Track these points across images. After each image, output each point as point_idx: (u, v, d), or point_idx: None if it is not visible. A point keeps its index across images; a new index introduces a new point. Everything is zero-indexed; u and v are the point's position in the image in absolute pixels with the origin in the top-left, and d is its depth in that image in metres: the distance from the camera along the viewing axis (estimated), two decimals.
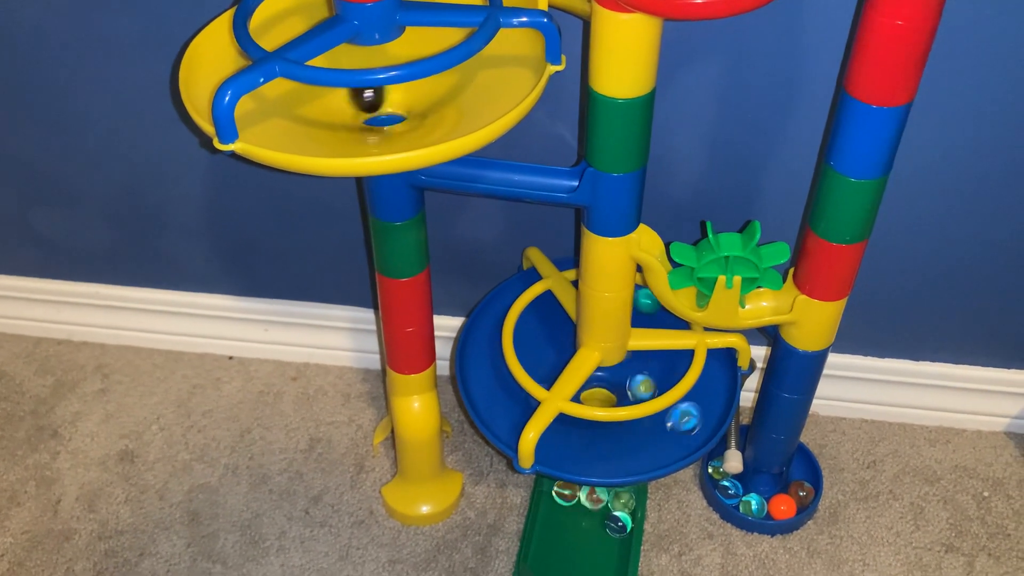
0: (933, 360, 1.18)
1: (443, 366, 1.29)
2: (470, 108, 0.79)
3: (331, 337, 1.30)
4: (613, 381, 1.07)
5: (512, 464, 0.95)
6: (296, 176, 1.13)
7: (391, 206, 0.87)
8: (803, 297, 0.91)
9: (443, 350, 1.27)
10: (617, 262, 0.88)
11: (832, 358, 1.17)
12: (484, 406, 1.01)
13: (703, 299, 0.93)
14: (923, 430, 1.22)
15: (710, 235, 0.88)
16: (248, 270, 1.26)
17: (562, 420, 0.99)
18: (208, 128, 0.70)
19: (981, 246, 1.05)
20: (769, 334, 1.00)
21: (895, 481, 1.17)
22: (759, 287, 0.92)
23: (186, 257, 1.26)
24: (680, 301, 0.93)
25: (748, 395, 1.25)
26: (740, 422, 1.16)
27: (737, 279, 0.89)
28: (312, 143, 0.76)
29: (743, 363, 1.02)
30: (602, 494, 1.12)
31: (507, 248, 1.15)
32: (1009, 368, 1.17)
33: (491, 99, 0.78)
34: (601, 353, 0.98)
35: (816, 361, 0.97)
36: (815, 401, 1.14)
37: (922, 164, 0.98)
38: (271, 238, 1.21)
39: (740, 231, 0.90)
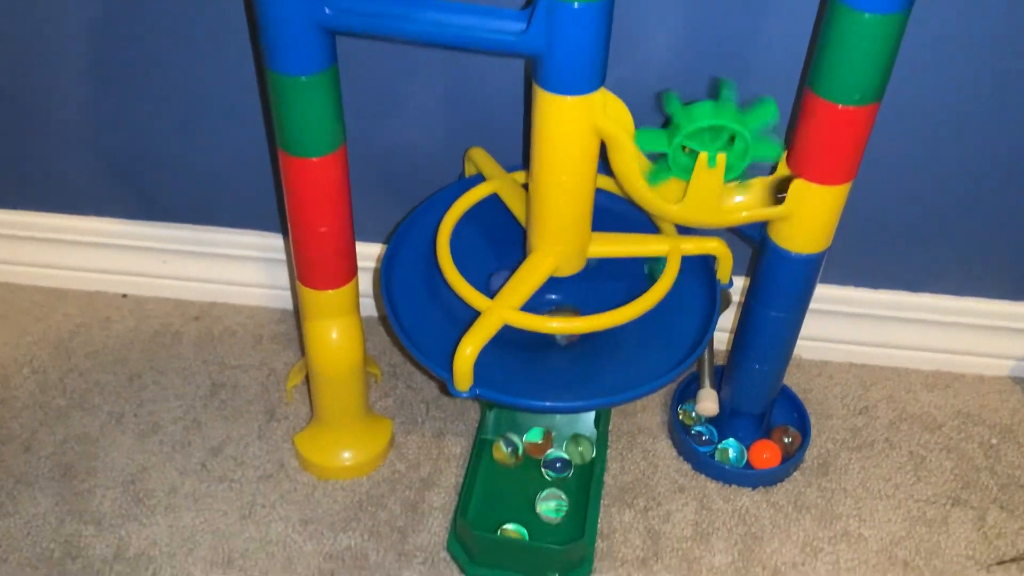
0: (934, 292, 1.03)
1: (368, 305, 1.12)
2: None
3: (241, 270, 1.12)
4: (569, 306, 0.91)
5: (447, 387, 0.77)
6: (189, 71, 0.95)
7: (293, 52, 0.69)
8: (799, 182, 0.75)
9: (367, 285, 1.09)
10: (576, 132, 0.72)
11: (818, 290, 1.02)
12: (412, 322, 0.83)
13: (665, 172, 0.77)
14: (919, 374, 1.08)
15: (675, 107, 0.72)
16: (141, 188, 1.07)
17: (509, 341, 0.82)
18: None
19: (990, 159, 0.91)
20: (754, 240, 0.84)
21: (891, 428, 1.02)
22: (752, 160, 0.76)
23: (67, 172, 1.07)
24: (653, 190, 0.77)
25: (721, 336, 1.09)
26: (714, 362, 1.01)
27: (721, 156, 0.73)
28: None
29: (723, 275, 0.86)
30: (557, 445, 0.95)
31: (443, 157, 0.98)
32: (1018, 300, 1.03)
33: None
34: (555, 259, 0.81)
35: (811, 267, 0.81)
36: (798, 342, 0.99)
37: (926, 74, 0.84)
38: (167, 148, 1.03)
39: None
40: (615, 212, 0.91)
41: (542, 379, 0.81)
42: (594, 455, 0.95)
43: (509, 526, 0.89)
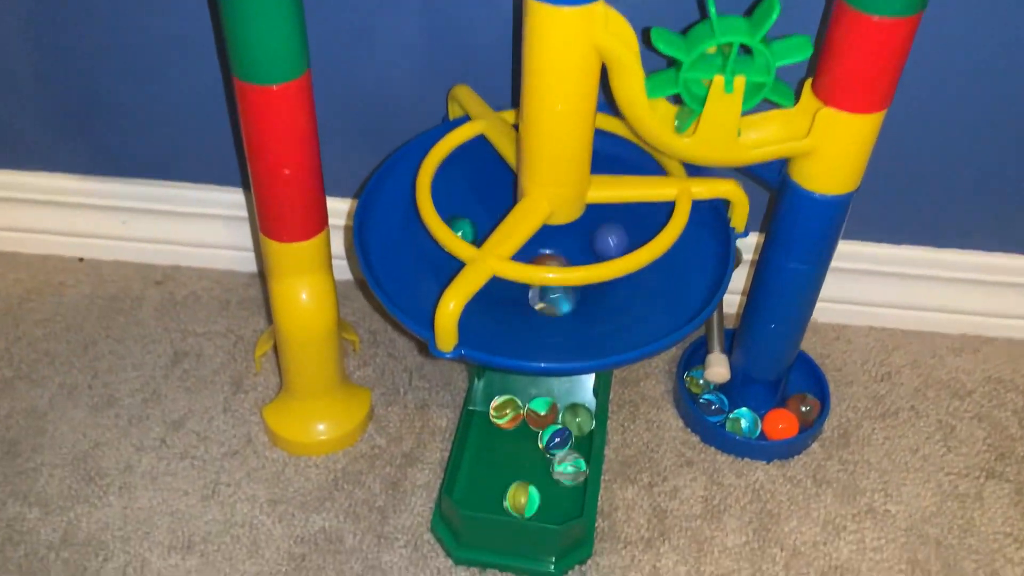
0: (962, 247, 0.95)
1: (343, 268, 1.02)
2: None
3: (208, 230, 1.02)
4: (566, 260, 0.82)
5: (428, 348, 0.69)
6: (139, 4, 0.85)
7: None
8: (827, 111, 0.66)
9: (340, 247, 1.00)
10: (574, 50, 0.62)
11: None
12: (389, 276, 0.74)
13: (689, 116, 0.68)
14: (944, 338, 0.99)
15: (711, 10, 0.63)
16: (95, 139, 0.98)
17: (499, 299, 0.74)
18: None
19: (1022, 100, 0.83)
20: (771, 183, 0.75)
21: (917, 396, 0.93)
22: (766, 101, 0.67)
23: (13, 123, 0.97)
24: (660, 119, 0.68)
25: (731, 299, 1.00)
26: (724, 325, 0.92)
27: (740, 80, 0.64)
28: None
29: (738, 223, 0.77)
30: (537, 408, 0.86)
31: (424, 97, 0.88)
32: None
33: None
34: (550, 203, 0.72)
35: (836, 211, 0.72)
36: None
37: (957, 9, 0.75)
38: (120, 94, 0.93)
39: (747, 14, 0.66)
40: (620, 159, 0.82)
41: (535, 339, 0.73)
42: (593, 426, 0.86)
43: (517, 486, 0.81)
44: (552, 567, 0.78)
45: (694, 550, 0.80)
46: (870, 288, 0.98)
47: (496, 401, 0.86)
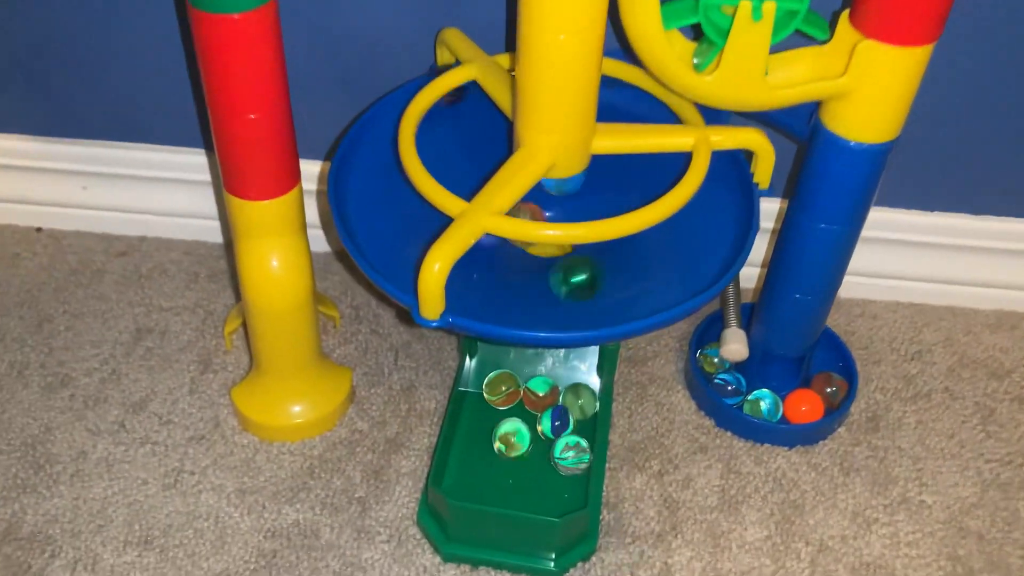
0: (1000, 214, 0.86)
1: (319, 239, 0.94)
2: None
3: (176, 197, 0.94)
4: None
5: (412, 316, 0.60)
6: None
7: None
8: (867, 43, 0.57)
9: (315, 215, 0.92)
10: None
11: None
12: (368, 236, 0.66)
13: (709, 50, 0.60)
14: (979, 314, 0.91)
15: None
16: (51, 96, 0.89)
17: (492, 261, 0.65)
18: None
19: None
20: (800, 135, 0.67)
21: (951, 376, 0.85)
22: (797, 34, 0.59)
23: None
24: (677, 54, 0.59)
25: (748, 272, 0.92)
26: (741, 299, 0.84)
27: (769, 6, 0.56)
28: None
29: (762, 178, 0.68)
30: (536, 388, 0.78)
31: (409, 42, 0.80)
32: None
33: None
34: (550, 153, 0.63)
35: (874, 162, 0.64)
36: None
37: None
38: (78, 44, 0.85)
39: None
40: (629, 112, 0.73)
41: (532, 307, 0.64)
42: (597, 409, 0.78)
43: (509, 426, 0.74)
44: (552, 564, 0.70)
45: (709, 545, 0.72)
46: (898, 259, 0.90)
47: (491, 375, 0.78)
